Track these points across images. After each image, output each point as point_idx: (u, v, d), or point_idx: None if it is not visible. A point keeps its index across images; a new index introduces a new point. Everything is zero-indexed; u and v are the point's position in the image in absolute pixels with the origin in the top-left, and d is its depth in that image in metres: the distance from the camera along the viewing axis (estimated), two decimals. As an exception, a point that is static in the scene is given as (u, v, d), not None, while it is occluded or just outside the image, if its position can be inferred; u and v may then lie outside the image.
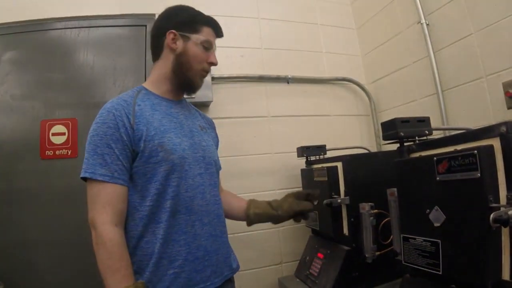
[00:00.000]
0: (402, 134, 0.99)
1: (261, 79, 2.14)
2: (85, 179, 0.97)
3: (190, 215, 1.04)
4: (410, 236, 0.93)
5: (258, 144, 2.07)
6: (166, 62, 1.13)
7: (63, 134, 1.84)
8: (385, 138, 1.05)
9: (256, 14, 2.23)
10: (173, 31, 1.10)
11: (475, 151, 0.75)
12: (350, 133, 2.29)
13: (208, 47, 1.14)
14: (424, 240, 0.87)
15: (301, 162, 1.91)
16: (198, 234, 1.04)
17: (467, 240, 0.76)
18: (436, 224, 0.84)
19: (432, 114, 1.18)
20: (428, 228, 0.86)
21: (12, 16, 1.85)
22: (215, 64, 1.17)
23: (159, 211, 0.99)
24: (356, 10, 2.46)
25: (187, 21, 1.13)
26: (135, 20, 2.03)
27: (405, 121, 1.01)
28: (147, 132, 1.01)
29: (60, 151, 1.82)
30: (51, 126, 1.82)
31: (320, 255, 1.58)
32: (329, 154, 1.86)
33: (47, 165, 1.79)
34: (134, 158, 1.00)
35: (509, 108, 1.34)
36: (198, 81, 1.16)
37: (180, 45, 1.11)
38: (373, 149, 2.23)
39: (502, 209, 0.71)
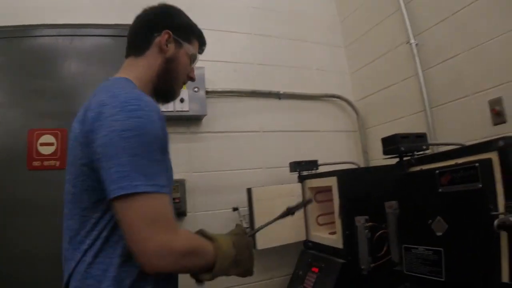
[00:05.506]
0: (402, 149, 1.04)
1: (254, 94, 2.18)
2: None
3: None
4: (412, 246, 0.96)
5: (251, 158, 2.09)
6: (151, 63, 0.99)
7: (52, 144, 1.79)
8: (385, 153, 1.10)
9: (249, 30, 2.29)
10: (169, 32, 0.99)
11: (477, 164, 0.80)
12: (339, 149, 2.35)
13: (193, 61, 1.08)
14: (427, 249, 0.91)
15: (294, 177, 1.93)
16: None
17: (470, 247, 0.81)
18: (439, 234, 0.88)
19: (420, 130, 1.23)
20: (430, 238, 0.90)
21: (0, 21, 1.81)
22: (193, 80, 1.11)
23: None
24: (345, 28, 2.56)
25: (184, 27, 1.05)
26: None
27: (404, 136, 1.07)
28: None
29: (48, 162, 1.77)
30: (39, 135, 1.78)
31: (315, 269, 1.59)
32: (320, 169, 1.91)
33: (34, 176, 1.73)
34: None
35: (495, 124, 1.44)
36: (178, 92, 1.08)
37: (171, 49, 1.00)
38: (361, 164, 2.29)
39: (501, 216, 0.76)
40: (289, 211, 1.15)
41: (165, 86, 1.02)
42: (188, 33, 1.05)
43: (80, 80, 1.89)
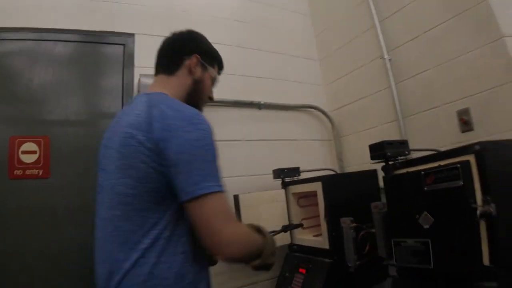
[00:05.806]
0: (389, 154, 1.16)
1: (236, 104, 2.25)
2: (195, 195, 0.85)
3: None
4: (401, 240, 1.08)
5: (235, 166, 2.15)
6: (182, 82, 1.10)
7: (34, 152, 1.75)
8: (373, 158, 1.22)
9: (231, 42, 2.37)
10: (197, 56, 1.11)
11: (458, 165, 0.94)
12: (315, 157, 2.48)
13: (214, 83, 1.21)
14: (415, 241, 1.03)
15: (276, 184, 2.02)
16: None
17: (454, 236, 0.94)
18: (425, 226, 1.00)
19: (392, 138, 1.36)
20: (418, 231, 1.03)
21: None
22: (212, 100, 1.24)
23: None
24: (320, 43, 2.72)
25: (209, 52, 1.17)
26: (115, 39, 2.01)
27: (389, 143, 1.19)
28: None
29: (31, 170, 1.72)
30: (21, 143, 1.72)
31: (302, 270, 1.67)
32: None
33: (16, 186, 1.68)
34: None
35: (463, 132, 1.62)
36: (202, 110, 1.17)
37: (198, 72, 1.11)
38: (338, 171, 2.42)
39: (479, 208, 0.89)
40: (284, 229, 1.42)
41: (192, 105, 1.07)
42: (211, 58, 1.17)
43: (63, 87, 1.86)
